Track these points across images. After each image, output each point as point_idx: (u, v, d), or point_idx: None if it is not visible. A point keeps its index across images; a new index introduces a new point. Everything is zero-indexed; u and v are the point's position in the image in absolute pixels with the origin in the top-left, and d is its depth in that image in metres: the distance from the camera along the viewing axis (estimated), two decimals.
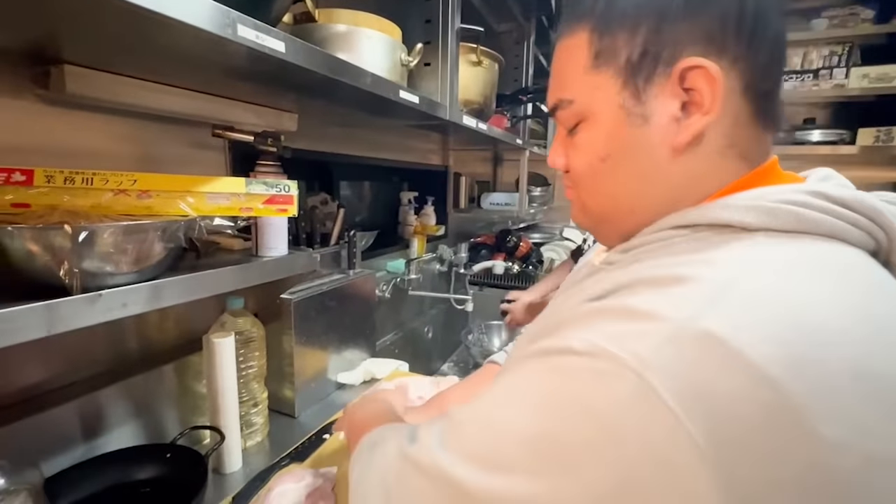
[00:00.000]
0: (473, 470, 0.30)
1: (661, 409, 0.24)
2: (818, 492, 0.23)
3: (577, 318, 0.31)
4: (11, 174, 0.48)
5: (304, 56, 0.53)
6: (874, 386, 0.24)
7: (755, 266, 0.28)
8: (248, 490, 0.65)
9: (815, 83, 1.70)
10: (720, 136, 0.35)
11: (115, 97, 0.59)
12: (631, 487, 0.24)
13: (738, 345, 0.24)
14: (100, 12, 0.38)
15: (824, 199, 0.31)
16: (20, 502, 0.37)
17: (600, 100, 0.38)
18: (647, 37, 0.35)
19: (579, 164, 0.41)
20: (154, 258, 0.52)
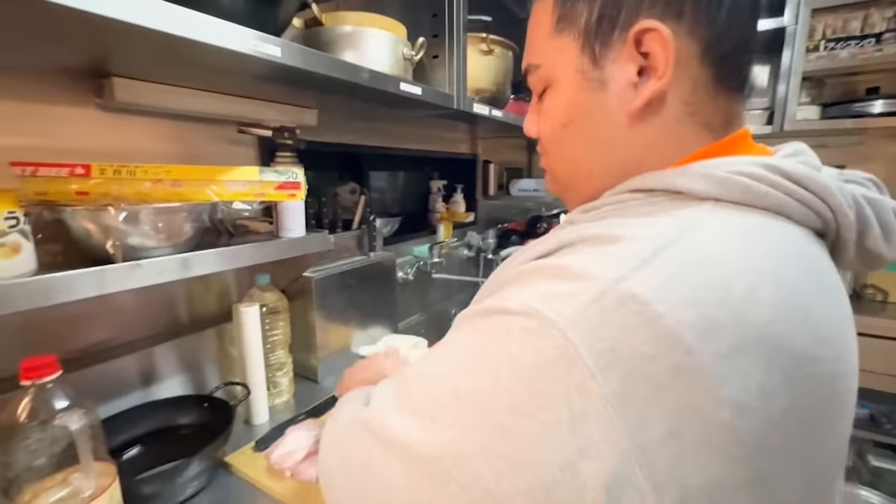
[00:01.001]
0: (415, 426, 0.31)
1: (577, 365, 0.25)
2: (719, 449, 0.24)
3: (518, 277, 0.32)
4: (74, 168, 0.60)
5: (301, 58, 0.61)
6: (781, 355, 0.25)
7: (688, 232, 0.29)
8: (269, 436, 0.75)
9: (878, 48, 1.53)
10: (679, 103, 0.35)
11: (157, 102, 0.71)
12: (551, 438, 0.25)
13: (657, 308, 0.25)
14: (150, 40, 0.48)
15: (778, 173, 0.30)
16: (77, 418, 0.48)
17: (562, 64, 0.38)
18: (603, 1, 0.35)
19: (546, 130, 0.42)
20: (184, 235, 0.63)
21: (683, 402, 0.24)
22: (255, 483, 0.67)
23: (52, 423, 0.46)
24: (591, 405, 0.24)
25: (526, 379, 0.26)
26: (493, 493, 0.26)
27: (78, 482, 0.48)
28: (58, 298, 0.50)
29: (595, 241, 0.30)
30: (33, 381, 0.46)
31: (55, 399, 0.47)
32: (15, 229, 0.48)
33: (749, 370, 0.25)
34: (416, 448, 0.30)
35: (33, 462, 0.46)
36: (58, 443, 0.47)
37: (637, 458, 0.24)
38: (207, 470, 0.66)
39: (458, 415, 0.29)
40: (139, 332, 0.81)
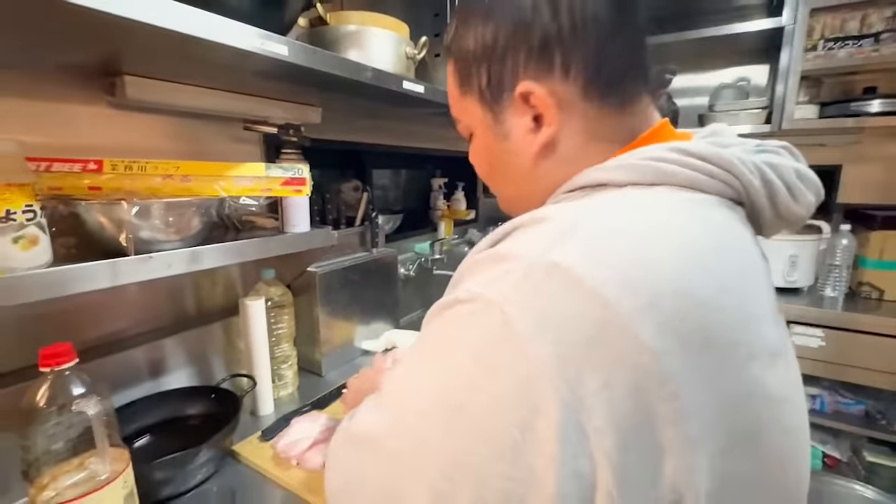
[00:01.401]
0: (385, 422, 0.34)
1: (516, 335, 0.28)
2: (644, 390, 0.27)
3: (465, 272, 0.35)
4: (87, 164, 0.62)
5: (306, 56, 0.63)
6: (688, 303, 0.28)
7: (602, 208, 0.33)
8: (275, 427, 0.77)
9: (876, 48, 1.55)
10: (576, 135, 0.39)
11: (166, 100, 0.72)
12: (505, 405, 0.28)
13: (578, 272, 0.28)
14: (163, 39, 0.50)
15: (683, 153, 0.34)
16: (93, 403, 0.50)
17: (474, 120, 0.44)
18: (488, 68, 0.40)
19: (479, 170, 0.49)
20: (193, 229, 0.65)
21: (611, 353, 0.27)
22: (262, 471, 0.69)
23: (69, 408, 0.48)
24: (533, 368, 0.27)
25: (476, 356, 0.29)
26: (466, 465, 0.29)
27: (94, 466, 0.50)
28: (73, 289, 0.52)
29: (525, 225, 0.34)
30: (52, 368, 0.48)
31: (72, 385, 0.49)
32: (32, 222, 0.50)
33: (662, 318, 0.27)
34: (388, 444, 0.33)
35: (51, 446, 0.48)
36: (75, 428, 0.49)
37: (578, 408, 0.26)
38: (216, 458, 0.68)
39: (424, 403, 0.32)
40: (146, 325, 0.83)
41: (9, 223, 0.47)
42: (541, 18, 0.37)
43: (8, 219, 0.47)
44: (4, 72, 0.61)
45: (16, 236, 0.48)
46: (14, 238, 0.48)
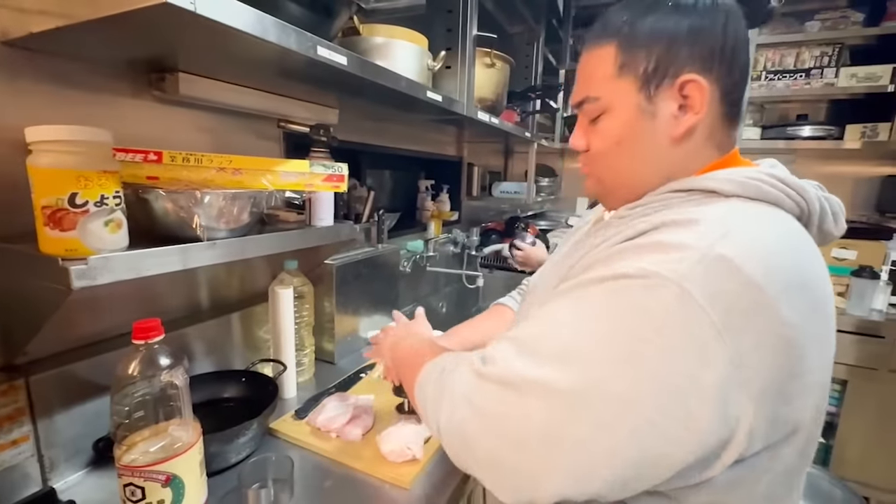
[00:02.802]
0: (552, 369, 0.38)
1: (695, 306, 0.35)
2: (782, 350, 0.36)
3: (616, 255, 0.42)
4: (148, 155, 0.65)
5: (359, 67, 0.70)
6: (808, 290, 0.39)
7: (740, 215, 0.42)
8: (306, 406, 0.82)
9: (807, 82, 1.81)
10: (704, 131, 0.48)
11: (210, 97, 0.77)
12: (678, 356, 0.35)
13: (739, 263, 0.36)
14: (222, 38, 0.55)
15: (775, 178, 0.45)
16: (181, 374, 0.54)
17: (621, 98, 0.49)
18: (659, 56, 0.47)
19: (599, 146, 0.52)
20: (245, 220, 0.70)
21: (761, 322, 0.36)
22: (303, 444, 0.74)
23: (158, 378, 0.52)
24: (706, 331, 0.35)
25: (652, 319, 0.36)
26: (632, 400, 0.36)
27: (176, 433, 0.54)
28: (151, 270, 0.56)
29: (677, 224, 0.41)
30: (145, 341, 0.52)
31: (161, 357, 0.53)
32: (119, 207, 0.54)
33: (794, 300, 0.37)
34: (559, 385, 0.38)
35: (140, 411, 0.52)
36: (161, 396, 0.53)
37: (736, 362, 0.35)
38: (257, 435, 0.73)
39: (595, 352, 0.38)
40: (168, 314, 0.85)
41: (102, 207, 0.51)
42: (714, 30, 0.46)
43: (102, 203, 0.51)
44: (64, 62, 0.63)
45: (107, 219, 0.52)
46: (105, 221, 0.52)
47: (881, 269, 1.64)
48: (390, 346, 0.69)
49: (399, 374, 0.65)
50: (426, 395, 0.49)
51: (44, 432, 0.62)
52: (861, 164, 1.95)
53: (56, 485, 0.63)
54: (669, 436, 0.36)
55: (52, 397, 0.64)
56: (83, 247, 0.50)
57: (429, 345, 0.65)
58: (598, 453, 0.36)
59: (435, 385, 0.48)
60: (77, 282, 0.48)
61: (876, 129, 1.73)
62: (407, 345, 0.65)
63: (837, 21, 1.77)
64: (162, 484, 0.52)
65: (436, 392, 0.48)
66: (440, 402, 0.46)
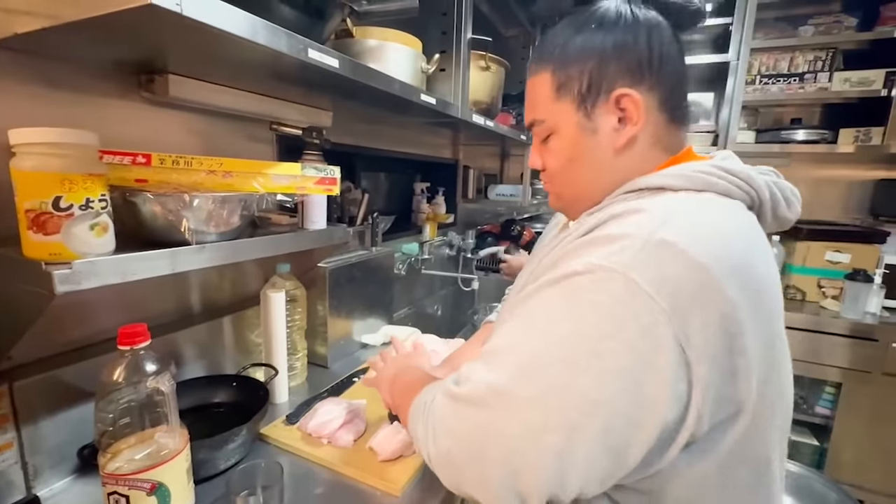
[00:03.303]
0: (515, 379, 0.40)
1: (642, 294, 0.37)
2: (727, 329, 0.38)
3: (570, 253, 0.43)
4: (136, 157, 0.64)
5: (352, 69, 0.69)
6: (752, 273, 0.41)
7: (684, 203, 0.44)
8: (298, 411, 0.81)
9: (801, 86, 1.82)
10: (648, 137, 0.51)
11: (201, 98, 0.76)
12: (634, 348, 0.36)
13: (682, 246, 0.38)
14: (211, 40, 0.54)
15: (722, 170, 0.47)
16: (167, 381, 0.53)
17: (563, 119, 0.53)
18: (590, 74, 0.50)
19: (553, 164, 0.56)
20: (236, 223, 0.69)
21: (707, 303, 0.37)
22: (293, 450, 0.73)
23: (144, 384, 0.52)
24: (655, 317, 0.37)
25: (606, 313, 0.38)
26: (599, 400, 0.37)
27: (162, 440, 0.53)
28: (139, 274, 0.55)
29: (622, 215, 0.43)
30: (131, 347, 0.51)
31: (147, 363, 0.52)
32: (105, 210, 0.53)
33: (738, 281, 0.39)
34: (521, 393, 0.39)
35: (125, 418, 0.51)
36: (147, 403, 0.52)
37: (686, 344, 0.37)
38: (247, 441, 0.72)
39: (556, 355, 0.39)
40: (159, 318, 0.84)
41: (88, 210, 0.50)
42: (637, 43, 0.49)
43: (87, 206, 0.50)
44: (52, 63, 0.62)
45: (92, 223, 0.51)
46: (91, 225, 0.51)
47: (875, 273, 1.65)
48: (389, 381, 0.68)
49: (397, 412, 0.64)
50: (416, 432, 0.49)
51: (28, 439, 0.61)
52: (855, 167, 1.96)
53: (40, 493, 0.62)
54: (635, 425, 0.37)
55: (37, 403, 0.63)
56: (68, 251, 0.49)
57: (427, 378, 0.63)
58: (576, 455, 0.38)
59: (421, 420, 0.48)
60: (60, 286, 0.47)
61: (869, 134, 1.74)
62: (404, 381, 0.64)
63: (831, 26, 1.78)
64: (147, 492, 0.51)
65: (424, 428, 0.48)
66: (426, 435, 0.47)
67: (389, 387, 0.67)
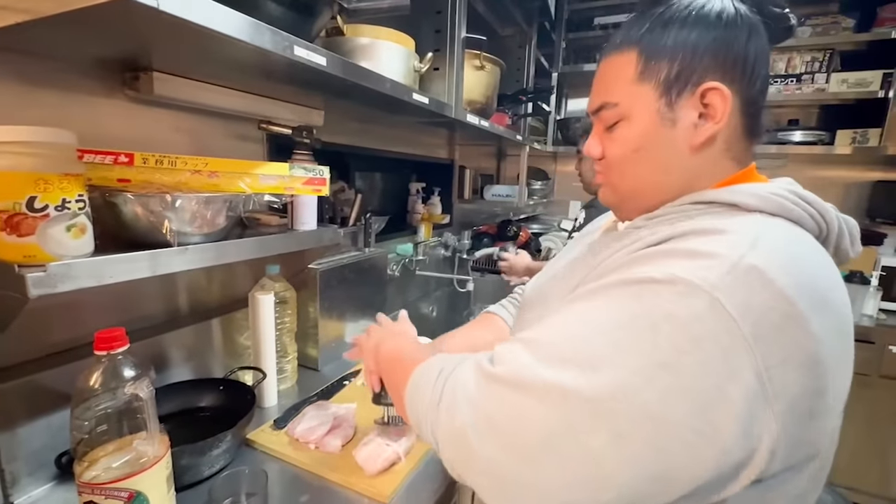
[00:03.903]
0: (573, 375, 0.36)
1: (725, 315, 0.34)
2: (809, 367, 0.35)
3: (642, 259, 0.40)
4: (118, 157, 0.63)
5: (340, 68, 0.68)
6: (834, 309, 0.38)
7: (766, 229, 0.41)
8: (286, 416, 0.80)
9: (798, 87, 1.81)
10: (722, 142, 0.47)
11: (187, 97, 0.74)
12: (709, 369, 0.34)
13: (771, 275, 0.35)
14: (193, 37, 0.52)
15: (797, 196, 0.44)
16: (145, 386, 0.52)
17: (641, 105, 0.48)
18: (681, 63, 0.46)
19: (616, 153, 0.51)
20: (221, 224, 0.67)
21: (790, 338, 0.35)
22: (280, 456, 0.72)
23: (122, 390, 0.50)
24: (736, 343, 0.34)
25: (683, 328, 0.35)
26: (658, 416, 0.34)
27: (141, 447, 0.52)
28: (118, 277, 0.54)
29: (705, 233, 0.40)
30: (108, 352, 0.49)
31: (124, 369, 0.51)
32: (83, 211, 0.51)
33: (822, 317, 0.36)
34: (580, 391, 0.36)
35: (102, 425, 0.50)
36: (125, 409, 0.51)
37: (764, 376, 0.34)
38: (233, 446, 0.70)
39: (623, 360, 0.35)
40: (146, 320, 0.83)
41: (64, 211, 0.49)
42: (737, 41, 0.46)
43: (63, 207, 0.49)
44: (32, 60, 0.61)
45: (69, 224, 0.50)
46: (67, 226, 0.50)
47: (871, 275, 1.64)
48: (374, 346, 0.65)
49: (384, 377, 0.62)
50: (421, 398, 0.47)
51: (5, 445, 0.60)
52: (852, 169, 1.96)
53: (17, 501, 0.60)
54: (690, 451, 0.34)
55: (15, 408, 0.61)
56: (43, 253, 0.48)
57: (417, 345, 0.62)
58: (614, 466, 0.35)
59: (432, 387, 0.46)
60: (34, 290, 0.46)
61: (866, 135, 1.73)
62: (392, 345, 0.62)
63: (829, 26, 1.78)
64: (124, 501, 0.50)
65: (433, 395, 0.45)
66: (437, 405, 0.44)
67: (376, 351, 0.64)
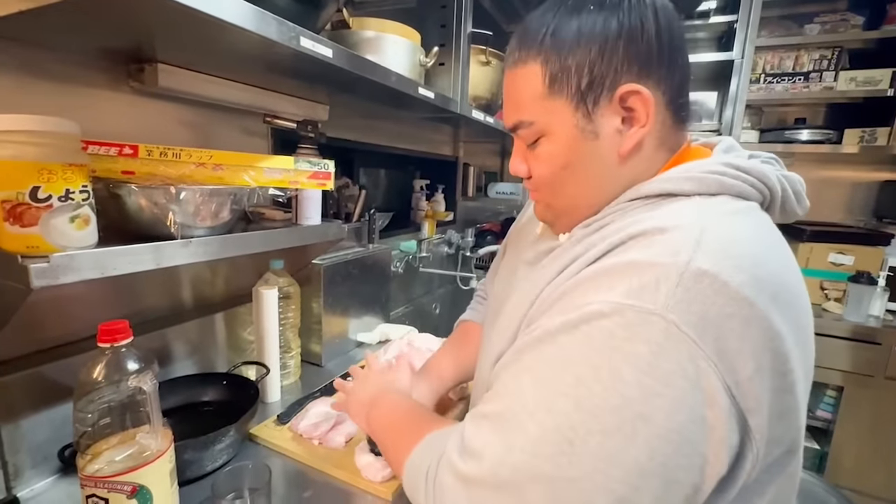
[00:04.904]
0: (554, 451, 0.33)
1: (684, 339, 0.31)
2: (777, 368, 0.33)
3: (584, 284, 0.37)
4: (123, 148, 0.62)
5: (346, 60, 0.67)
6: (791, 295, 0.35)
7: (709, 217, 0.37)
8: (289, 411, 0.80)
9: (806, 85, 1.79)
10: (654, 140, 0.45)
11: (192, 90, 0.74)
12: (682, 404, 0.31)
13: (724, 277, 0.32)
14: (199, 26, 0.52)
15: (735, 168, 0.41)
16: (149, 379, 0.51)
17: (557, 120, 0.44)
18: (591, 67, 0.42)
19: (543, 172, 0.48)
20: (225, 217, 0.67)
21: (757, 342, 0.32)
22: (284, 451, 0.71)
23: (125, 383, 0.50)
24: (701, 366, 0.31)
25: (647, 367, 0.32)
26: (650, 470, 0.32)
27: (144, 441, 0.51)
28: (121, 269, 0.53)
29: (644, 235, 0.37)
30: (111, 344, 0.49)
31: (128, 361, 0.50)
32: (86, 202, 0.51)
33: (782, 308, 0.34)
34: (564, 473, 0.33)
35: (106, 418, 0.49)
36: (128, 402, 0.50)
37: (737, 393, 0.32)
38: (236, 441, 0.70)
39: (593, 424, 0.32)
40: (150, 314, 0.82)
41: (68, 202, 0.48)
42: (646, 27, 0.41)
43: (67, 197, 0.48)
44: (36, 51, 0.60)
45: (73, 215, 0.49)
46: (71, 217, 0.49)
47: (878, 275, 1.63)
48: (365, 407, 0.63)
49: (377, 443, 0.60)
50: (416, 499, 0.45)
51: (8, 437, 0.59)
52: (859, 168, 1.94)
53: (21, 493, 0.60)
54: (690, 486, 0.33)
55: (18, 401, 0.61)
56: (46, 243, 0.48)
57: (409, 411, 0.59)
58: None
59: (423, 491, 0.43)
60: (37, 281, 0.45)
61: (875, 134, 1.71)
62: (385, 413, 0.59)
63: (837, 24, 1.76)
64: (127, 495, 0.49)
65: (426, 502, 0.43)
66: None
67: (367, 416, 0.62)
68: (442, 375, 0.74)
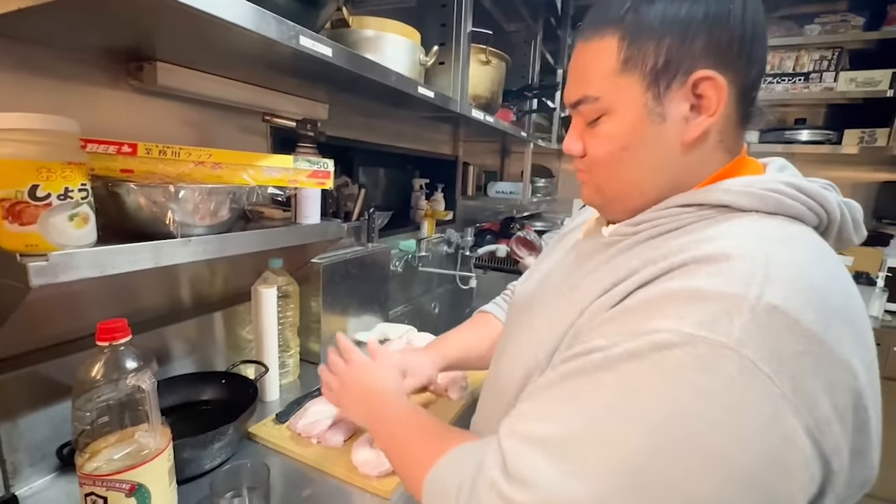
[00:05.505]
0: (619, 487, 0.31)
1: (760, 376, 0.30)
2: (853, 407, 0.32)
3: (645, 307, 0.35)
4: (122, 147, 0.62)
5: (346, 59, 0.67)
6: (857, 326, 0.34)
7: (771, 244, 0.35)
8: (288, 410, 0.80)
9: (806, 86, 1.79)
10: (716, 134, 0.43)
11: (192, 88, 0.74)
12: (756, 442, 0.30)
13: (794, 314, 0.31)
14: (198, 25, 0.52)
15: (796, 189, 0.39)
16: (147, 378, 0.51)
17: (625, 99, 0.43)
18: (669, 50, 0.40)
19: (599, 152, 0.46)
20: (224, 216, 0.67)
21: (831, 379, 0.31)
22: (282, 450, 0.71)
23: (124, 381, 0.50)
24: (780, 403, 0.30)
25: (719, 400, 0.30)
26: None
27: (143, 439, 0.51)
28: (120, 268, 0.53)
29: (707, 262, 0.35)
30: (110, 343, 0.49)
31: (127, 360, 0.50)
32: (85, 201, 0.51)
33: (852, 343, 0.33)
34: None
35: (104, 417, 0.49)
36: (127, 401, 0.50)
37: (818, 434, 0.30)
38: (235, 440, 0.70)
39: (665, 457, 0.31)
40: (148, 312, 0.82)
41: (67, 200, 0.48)
42: (732, 16, 0.40)
43: (66, 196, 0.48)
44: (33, 48, 0.60)
45: (71, 213, 0.49)
46: (70, 215, 0.49)
47: (877, 276, 1.63)
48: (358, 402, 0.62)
49: (379, 443, 0.58)
50: None
51: (7, 435, 0.59)
52: (859, 169, 1.94)
53: (19, 491, 0.60)
54: None
55: (17, 399, 0.61)
56: (45, 242, 0.47)
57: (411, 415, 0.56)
58: None
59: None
60: (36, 279, 0.45)
61: (874, 135, 1.72)
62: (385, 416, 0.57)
63: (837, 25, 1.76)
64: (126, 493, 0.49)
65: None
66: None
67: (364, 414, 0.61)
68: (445, 353, 0.77)
